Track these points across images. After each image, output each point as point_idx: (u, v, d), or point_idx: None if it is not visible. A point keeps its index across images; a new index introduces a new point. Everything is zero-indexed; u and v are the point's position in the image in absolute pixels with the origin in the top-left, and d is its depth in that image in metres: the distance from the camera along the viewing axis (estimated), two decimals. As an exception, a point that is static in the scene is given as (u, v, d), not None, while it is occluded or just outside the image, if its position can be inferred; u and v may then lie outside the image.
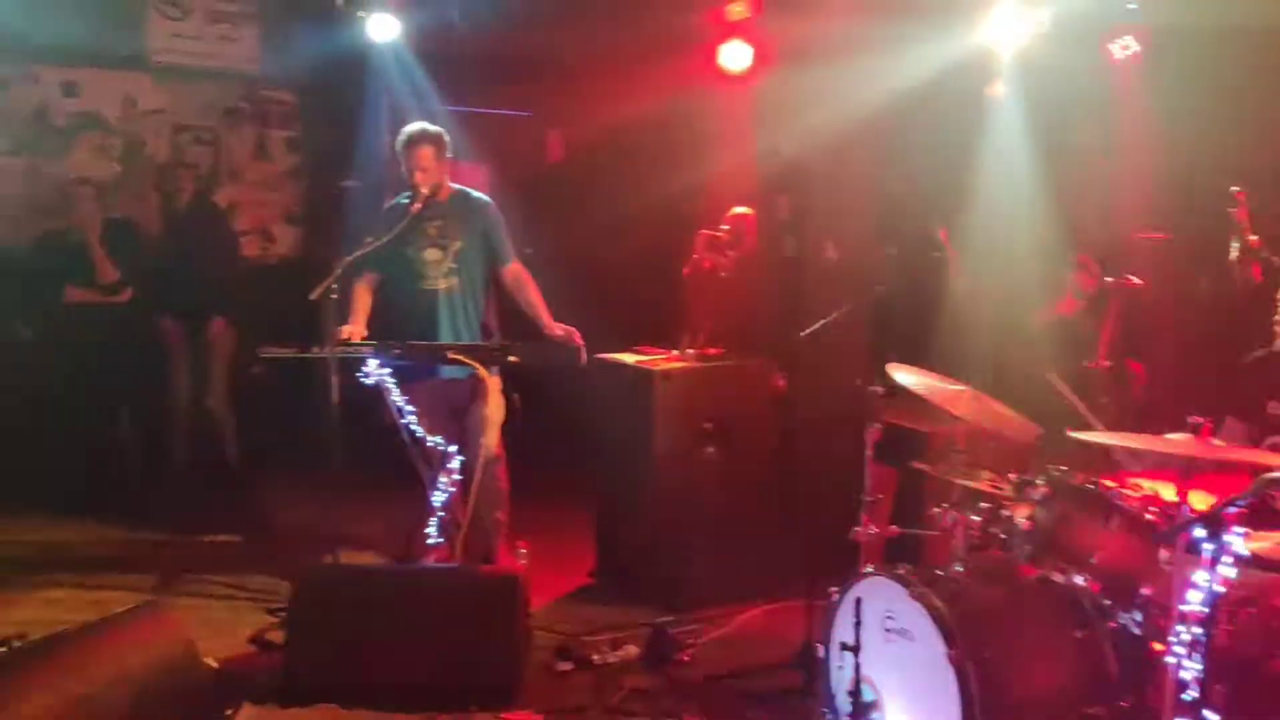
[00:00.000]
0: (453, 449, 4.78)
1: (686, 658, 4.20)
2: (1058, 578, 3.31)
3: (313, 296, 4.44)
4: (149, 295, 6.38)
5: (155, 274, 6.41)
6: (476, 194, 5.01)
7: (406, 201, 4.82)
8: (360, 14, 6.54)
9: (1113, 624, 3.19)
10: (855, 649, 3.13)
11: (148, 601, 3.89)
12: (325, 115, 7.32)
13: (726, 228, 5.56)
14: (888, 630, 3.26)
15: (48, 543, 5.62)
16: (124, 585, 4.94)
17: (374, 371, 4.57)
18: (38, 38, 6.67)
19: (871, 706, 3.24)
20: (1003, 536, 3.55)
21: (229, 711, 3.68)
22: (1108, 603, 3.21)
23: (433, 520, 4.76)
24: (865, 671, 3.19)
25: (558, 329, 4.78)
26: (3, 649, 3.38)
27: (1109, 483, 3.34)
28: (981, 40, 5.46)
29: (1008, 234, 5.19)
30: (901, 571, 3.29)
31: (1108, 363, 4.56)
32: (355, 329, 4.66)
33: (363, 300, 4.86)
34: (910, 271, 4.63)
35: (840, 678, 3.33)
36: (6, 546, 5.52)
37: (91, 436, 6.35)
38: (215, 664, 3.78)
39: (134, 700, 3.28)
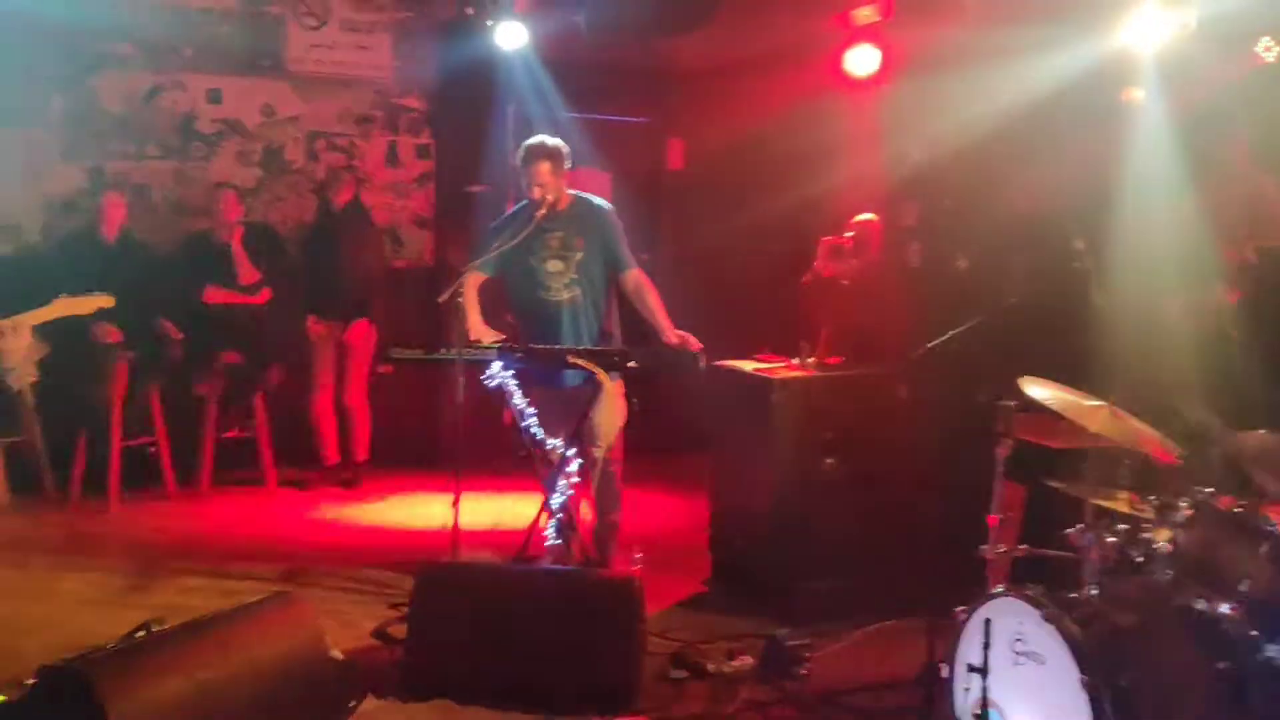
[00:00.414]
0: (571, 452, 4.82)
1: (803, 671, 4.13)
2: (1200, 605, 3.15)
3: (441, 300, 4.55)
4: (291, 295, 6.63)
5: (299, 275, 6.66)
6: (596, 200, 5.04)
7: (528, 208, 4.87)
8: (489, 22, 6.67)
9: (1260, 656, 3.02)
10: (983, 671, 3.03)
11: (279, 593, 4.01)
12: (454, 122, 7.48)
13: (850, 235, 5.49)
14: (1017, 653, 3.14)
15: (186, 531, 5.86)
16: (255, 575, 5.12)
17: (498, 374, 4.65)
18: (187, 47, 7.00)
19: (997, 731, 3.14)
20: (1140, 560, 3.40)
21: (352, 703, 3.76)
22: (1255, 634, 3.04)
23: (551, 522, 4.81)
24: (992, 695, 3.09)
25: (675, 336, 4.79)
26: (141, 633, 3.52)
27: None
28: (1120, 44, 5.26)
29: (1149, 246, 4.97)
30: (1033, 593, 3.18)
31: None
32: (480, 331, 4.73)
33: (473, 300, 4.93)
34: (1045, 283, 4.48)
35: (965, 700, 3.23)
36: (148, 534, 5.78)
37: (228, 429, 6.60)
38: (340, 656, 3.87)
39: (264, 688, 3.38)
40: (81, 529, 5.80)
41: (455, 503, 4.64)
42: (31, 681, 3.33)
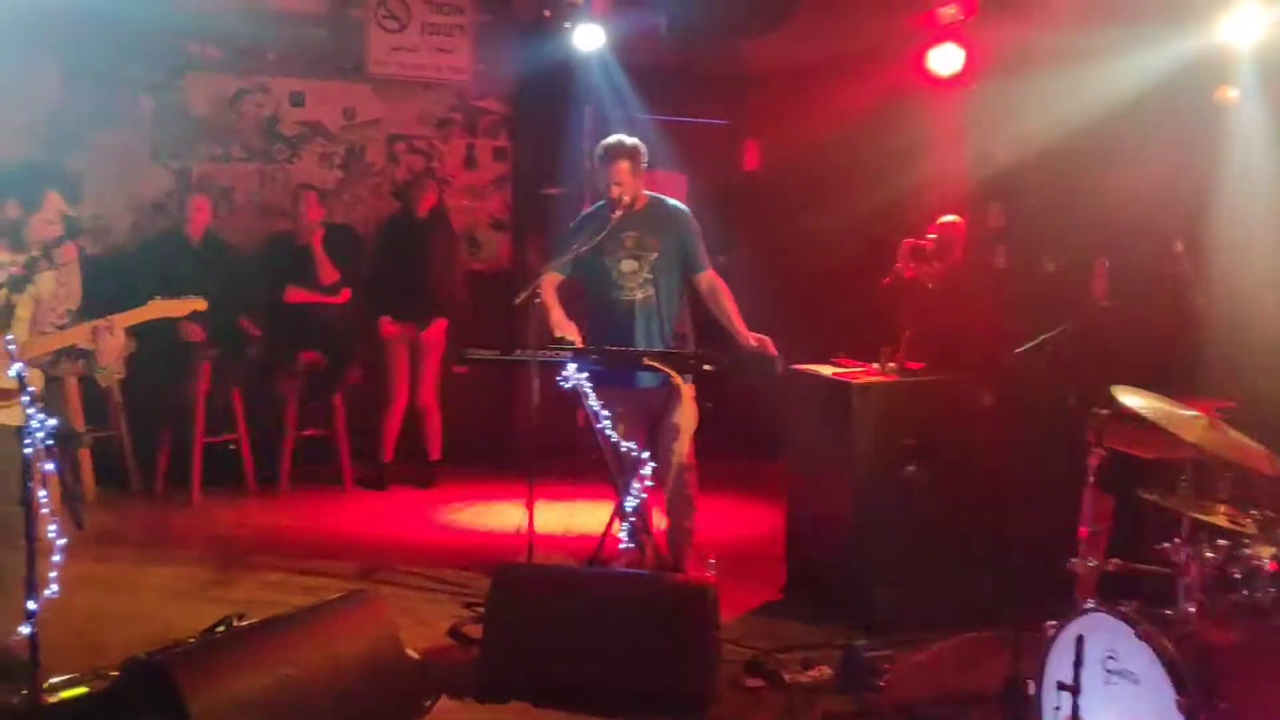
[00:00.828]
0: (645, 455, 4.78)
1: (882, 683, 4.03)
2: (1306, 626, 3.01)
3: (517, 302, 4.55)
4: (369, 296, 6.69)
5: (377, 276, 6.71)
6: (672, 202, 5.01)
7: (604, 209, 4.86)
8: (567, 25, 6.68)
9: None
10: (1074, 689, 2.92)
11: (356, 590, 4.04)
12: (532, 124, 7.50)
13: (933, 237, 5.38)
14: (1109, 671, 3.03)
15: (265, 527, 5.95)
16: (333, 571, 5.17)
17: (572, 375, 4.64)
18: (270, 51, 7.11)
19: (1087, 751, 3.03)
20: (1240, 577, 3.25)
21: (428, 702, 3.77)
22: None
23: (624, 525, 4.78)
24: (1083, 714, 2.98)
25: (752, 338, 4.73)
26: (222, 628, 3.56)
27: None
28: (1215, 42, 5.08)
29: (1247, 248, 4.79)
30: (1127, 609, 3.06)
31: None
32: (564, 327, 4.72)
33: (554, 299, 4.92)
34: (1140, 286, 4.33)
35: (1054, 718, 3.12)
36: (229, 529, 5.88)
37: (307, 427, 6.68)
38: (417, 655, 3.88)
39: (342, 685, 3.40)
40: (165, 523, 5.93)
41: (529, 504, 4.64)
42: (115, 674, 3.39)
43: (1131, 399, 3.48)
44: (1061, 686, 2.99)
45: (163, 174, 7.09)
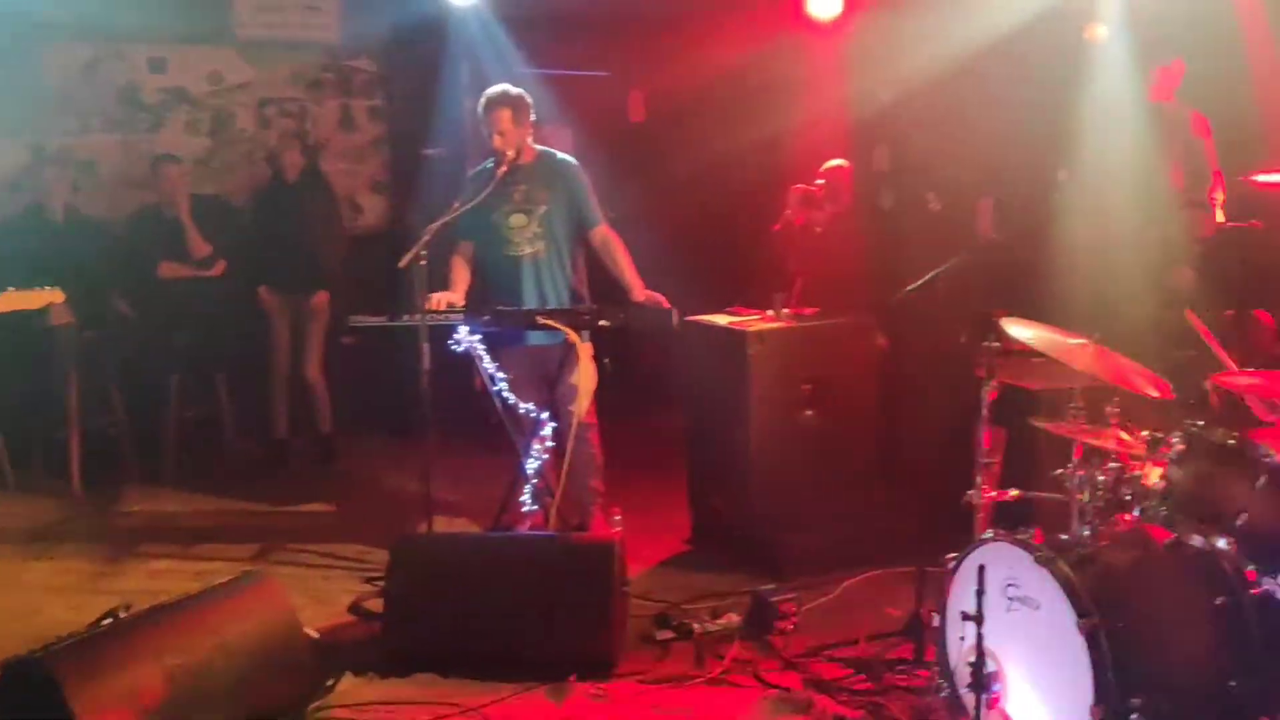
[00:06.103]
0: (544, 416, 4.71)
1: (789, 626, 4.06)
2: (1196, 541, 3.10)
3: (401, 264, 4.40)
4: (245, 268, 6.42)
5: (251, 247, 6.44)
6: (562, 155, 4.91)
7: (491, 166, 4.75)
8: (437, -24, 6.46)
9: (1257, 590, 2.97)
10: (978, 619, 2.95)
11: (249, 571, 3.87)
12: (407, 82, 7.27)
13: (821, 182, 5.39)
14: (1010, 599, 3.08)
15: (151, 513, 5.72)
16: (225, 555, 4.99)
17: (464, 338, 4.53)
18: (124, 16, 6.71)
19: (992, 678, 3.08)
20: (1131, 498, 3.34)
21: (330, 682, 3.66)
22: (1252, 567, 2.99)
23: (526, 488, 4.71)
24: (986, 643, 3.02)
25: (644, 294, 4.68)
26: (108, 620, 3.39)
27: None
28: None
29: (1118, 181, 4.91)
30: (1025, 536, 3.11)
31: (1230, 311, 4.30)
32: (450, 296, 4.60)
33: (460, 273, 4.83)
34: (1021, 220, 4.39)
35: (959, 648, 3.16)
36: (113, 518, 5.63)
37: (190, 408, 6.42)
38: (316, 634, 3.76)
39: (237, 670, 3.28)
40: (44, 517, 5.63)
41: (426, 472, 4.52)
42: (-7, 676, 3.20)
43: (1020, 331, 3.53)
44: (965, 617, 3.02)
45: (17, 150, 6.65)
